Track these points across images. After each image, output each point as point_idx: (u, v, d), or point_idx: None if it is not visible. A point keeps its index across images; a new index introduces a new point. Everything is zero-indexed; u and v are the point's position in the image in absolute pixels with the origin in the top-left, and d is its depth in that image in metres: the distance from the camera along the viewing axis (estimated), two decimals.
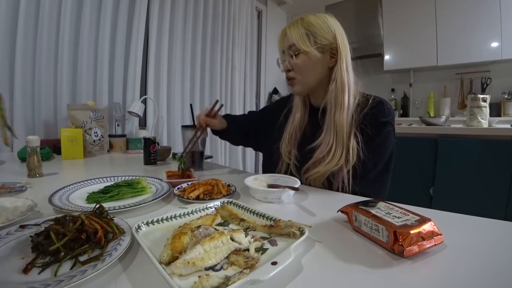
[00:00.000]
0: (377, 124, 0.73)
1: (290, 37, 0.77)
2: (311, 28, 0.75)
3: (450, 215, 0.51)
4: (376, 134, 0.73)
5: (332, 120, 0.75)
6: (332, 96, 0.76)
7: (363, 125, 0.74)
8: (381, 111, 0.75)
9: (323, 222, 0.49)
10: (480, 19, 2.29)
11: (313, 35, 0.75)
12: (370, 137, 0.73)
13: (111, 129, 1.58)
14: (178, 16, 2.03)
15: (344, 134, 0.73)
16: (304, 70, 0.78)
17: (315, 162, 0.74)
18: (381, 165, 0.75)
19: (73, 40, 1.47)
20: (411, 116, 2.82)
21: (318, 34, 0.75)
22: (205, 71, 2.32)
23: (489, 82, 2.44)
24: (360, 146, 0.72)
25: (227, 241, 0.36)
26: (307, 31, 0.75)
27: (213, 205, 0.52)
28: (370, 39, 2.85)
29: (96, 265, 0.32)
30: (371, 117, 0.74)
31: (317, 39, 0.75)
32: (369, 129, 0.73)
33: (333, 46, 0.76)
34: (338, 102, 0.75)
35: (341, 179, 0.71)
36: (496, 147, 1.66)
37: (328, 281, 0.32)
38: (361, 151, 0.71)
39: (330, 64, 0.78)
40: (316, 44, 0.75)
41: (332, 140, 0.73)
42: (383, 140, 0.74)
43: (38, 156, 0.82)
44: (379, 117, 0.74)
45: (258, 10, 3.08)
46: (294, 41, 0.75)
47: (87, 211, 0.45)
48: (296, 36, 0.75)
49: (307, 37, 0.75)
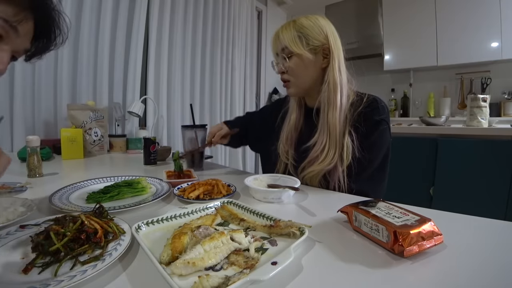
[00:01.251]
0: (371, 122, 0.74)
1: (282, 40, 0.77)
2: (303, 30, 0.76)
3: (450, 215, 0.51)
4: (371, 132, 0.74)
5: (325, 120, 0.76)
6: (325, 96, 0.76)
7: (357, 124, 0.74)
8: (375, 109, 0.75)
9: (323, 222, 0.49)
10: (480, 19, 2.29)
11: (305, 37, 0.76)
12: (365, 135, 0.73)
13: (111, 129, 1.58)
14: (178, 16, 2.03)
15: (337, 134, 0.74)
16: (297, 72, 0.79)
17: (310, 161, 0.76)
18: (376, 163, 0.76)
19: (73, 40, 1.47)
20: (411, 116, 2.82)
21: (310, 36, 0.76)
22: (205, 71, 2.32)
23: (489, 82, 2.44)
24: (355, 144, 0.72)
25: (227, 241, 0.36)
26: (299, 34, 0.76)
27: (213, 205, 0.52)
28: (370, 39, 2.84)
29: (96, 265, 0.32)
30: (365, 115, 0.74)
31: (309, 41, 0.76)
32: (363, 127, 0.74)
33: (325, 46, 0.76)
34: (330, 102, 0.75)
35: (337, 178, 0.72)
36: (496, 147, 1.66)
37: (328, 281, 0.32)
38: (356, 149, 0.72)
39: (323, 64, 0.78)
40: (309, 46, 0.76)
41: (325, 140, 0.74)
42: (378, 138, 0.74)
43: (38, 156, 0.82)
44: (373, 115, 0.74)
45: (258, 10, 3.08)
46: (286, 43, 0.76)
47: (87, 211, 0.45)
48: (288, 39, 0.76)
49: (299, 40, 0.76)
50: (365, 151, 0.72)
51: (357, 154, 0.72)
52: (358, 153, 0.72)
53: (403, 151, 1.93)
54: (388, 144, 0.77)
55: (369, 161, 0.73)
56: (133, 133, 1.73)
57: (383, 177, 0.78)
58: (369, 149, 0.73)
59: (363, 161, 0.72)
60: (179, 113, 2.11)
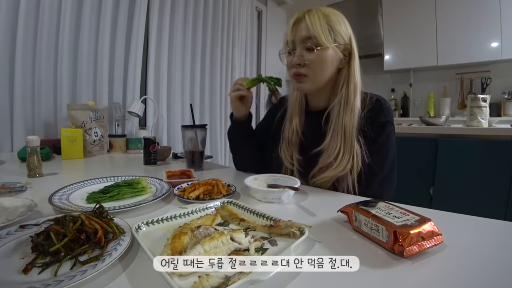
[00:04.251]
0: (378, 125, 0.72)
1: (311, 28, 0.68)
2: (331, 23, 0.70)
3: (450, 215, 0.51)
4: (378, 135, 0.72)
5: (340, 123, 0.71)
6: (344, 98, 0.72)
7: (364, 128, 0.72)
8: (380, 111, 0.73)
9: (323, 222, 0.49)
10: (480, 19, 2.29)
11: (334, 31, 0.70)
12: (373, 139, 0.71)
13: (111, 129, 1.58)
14: (178, 16, 2.03)
15: (352, 138, 0.70)
16: (319, 68, 0.72)
17: (321, 168, 0.72)
18: (387, 166, 0.73)
19: (73, 40, 1.47)
20: (411, 116, 2.82)
21: (338, 31, 0.70)
22: (205, 71, 2.32)
23: (489, 82, 2.44)
24: (363, 149, 0.70)
25: (227, 241, 0.36)
26: (328, 26, 0.69)
27: (213, 205, 0.52)
28: (370, 39, 2.85)
29: (96, 265, 0.32)
30: (371, 118, 0.72)
31: (337, 36, 0.70)
32: (370, 131, 0.71)
33: (347, 47, 0.72)
34: (349, 104, 0.71)
35: (345, 184, 0.70)
36: (496, 147, 1.66)
37: (328, 281, 0.32)
38: (365, 154, 0.69)
39: (341, 65, 0.74)
40: (335, 42, 0.70)
41: (339, 144, 0.70)
42: (386, 141, 0.72)
43: (38, 156, 0.82)
44: (379, 118, 0.72)
45: (258, 10, 3.08)
46: (315, 33, 0.68)
47: (87, 211, 0.45)
48: (318, 28, 0.68)
49: (329, 32, 0.69)
50: (374, 156, 0.70)
51: (366, 159, 0.69)
52: (368, 158, 0.69)
53: (403, 151, 1.91)
54: (395, 145, 0.75)
55: (380, 165, 0.71)
56: (133, 133, 1.73)
57: (394, 177, 0.75)
58: (378, 153, 0.71)
59: (374, 167, 0.70)
60: (179, 113, 2.11)
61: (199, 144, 0.96)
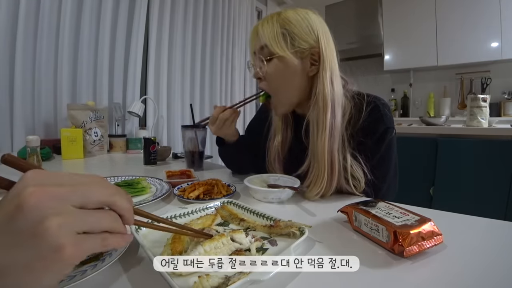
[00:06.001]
0: (377, 135, 0.64)
1: (261, 36, 0.62)
2: (288, 26, 0.61)
3: (450, 215, 0.51)
4: (378, 145, 0.65)
5: (314, 144, 0.62)
6: (314, 115, 0.63)
7: (362, 139, 0.64)
8: (378, 120, 0.64)
9: (323, 222, 0.49)
10: (480, 19, 2.29)
11: (291, 35, 0.61)
12: (373, 151, 0.64)
13: (111, 129, 1.58)
14: (178, 16, 2.03)
15: (332, 160, 0.61)
16: (277, 80, 0.64)
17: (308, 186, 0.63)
18: (390, 175, 0.68)
19: (73, 40, 1.47)
20: (411, 116, 2.83)
21: (296, 35, 0.61)
22: (205, 71, 2.32)
23: (489, 82, 2.44)
24: (363, 165, 0.62)
25: (228, 242, 0.36)
26: (283, 30, 0.61)
27: (213, 205, 0.52)
28: (370, 39, 2.85)
29: (96, 265, 0.32)
30: (369, 129, 0.64)
31: (295, 41, 0.61)
32: (369, 141, 0.64)
33: (314, 51, 0.62)
34: (320, 122, 0.61)
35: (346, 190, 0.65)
36: (496, 147, 1.66)
37: (328, 281, 0.32)
38: (365, 169, 0.62)
39: (311, 72, 0.64)
40: (294, 48, 0.61)
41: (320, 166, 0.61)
42: (387, 150, 0.66)
43: (38, 156, 0.82)
44: (377, 126, 0.64)
45: (258, 10, 3.08)
46: (266, 41, 0.61)
47: None
48: (269, 36, 0.61)
49: (283, 38, 0.61)
50: (376, 169, 0.63)
51: (369, 176, 0.62)
52: (369, 173, 0.62)
53: (403, 151, 1.91)
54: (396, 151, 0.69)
55: (381, 178, 0.64)
56: (133, 133, 1.73)
57: (396, 184, 0.71)
58: (380, 165, 0.64)
59: (376, 181, 0.63)
60: (179, 113, 2.11)
61: (199, 144, 0.96)
